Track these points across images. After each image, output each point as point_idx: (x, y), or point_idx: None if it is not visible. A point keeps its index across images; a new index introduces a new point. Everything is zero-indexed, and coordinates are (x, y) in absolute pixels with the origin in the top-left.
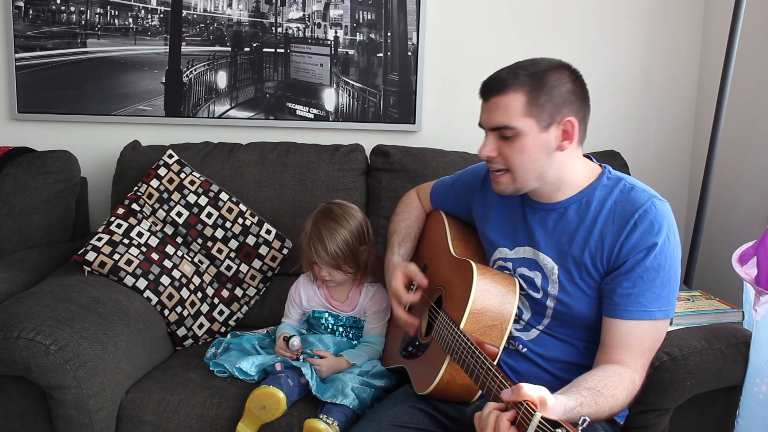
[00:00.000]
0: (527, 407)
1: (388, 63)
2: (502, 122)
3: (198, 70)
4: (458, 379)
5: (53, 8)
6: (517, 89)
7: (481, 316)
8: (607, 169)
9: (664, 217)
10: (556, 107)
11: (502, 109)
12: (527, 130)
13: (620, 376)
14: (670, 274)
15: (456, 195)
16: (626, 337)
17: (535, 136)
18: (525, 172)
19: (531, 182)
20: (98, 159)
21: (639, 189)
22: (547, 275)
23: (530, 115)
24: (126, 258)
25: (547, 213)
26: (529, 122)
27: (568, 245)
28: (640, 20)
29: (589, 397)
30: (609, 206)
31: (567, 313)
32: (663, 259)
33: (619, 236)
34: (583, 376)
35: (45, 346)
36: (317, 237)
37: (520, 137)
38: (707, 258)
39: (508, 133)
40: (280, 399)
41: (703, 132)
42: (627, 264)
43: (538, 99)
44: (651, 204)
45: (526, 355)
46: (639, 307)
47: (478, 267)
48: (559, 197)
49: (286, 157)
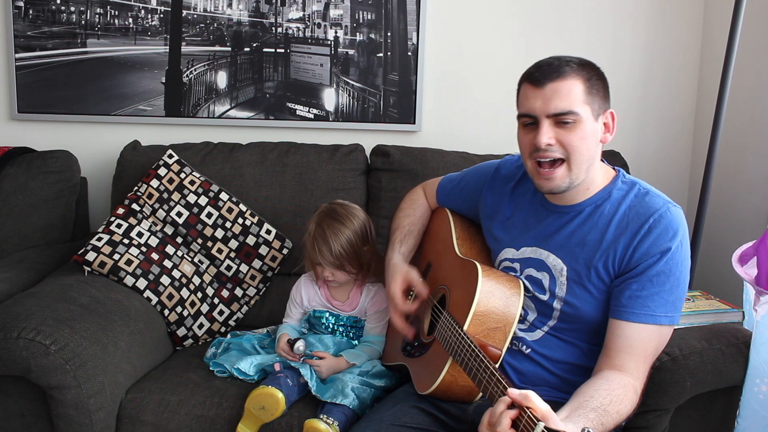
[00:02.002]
0: (531, 415)
1: (388, 63)
2: (564, 107)
3: (198, 70)
4: (460, 380)
5: (53, 8)
6: (576, 75)
7: (484, 318)
8: (621, 173)
9: (679, 223)
10: (603, 98)
11: (563, 94)
12: (586, 117)
13: (624, 388)
14: (679, 280)
15: (463, 192)
16: (630, 341)
17: (592, 124)
18: (581, 161)
19: (582, 173)
20: (98, 159)
21: (654, 194)
22: (556, 276)
23: (587, 102)
24: (126, 258)
25: (561, 215)
26: (587, 109)
27: (579, 247)
28: (640, 20)
29: (596, 420)
30: (623, 210)
31: (574, 314)
32: (674, 264)
33: (633, 240)
34: (588, 390)
35: (45, 346)
36: (321, 238)
37: (581, 123)
38: (707, 258)
39: (568, 119)
40: (279, 399)
41: (703, 132)
42: (639, 268)
43: (592, 88)
44: (666, 209)
45: (530, 356)
46: (646, 310)
47: (483, 268)
48: (577, 199)
49: (286, 157)
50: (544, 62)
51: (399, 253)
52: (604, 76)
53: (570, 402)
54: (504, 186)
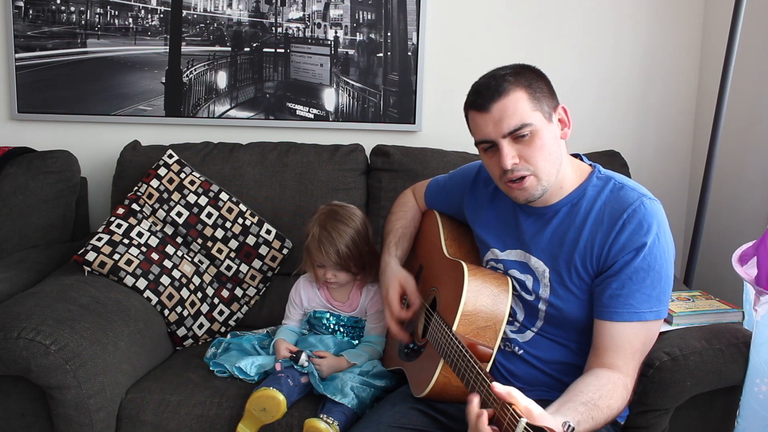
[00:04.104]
0: (513, 412)
1: (388, 63)
2: (516, 123)
3: (198, 70)
4: (453, 381)
5: (53, 8)
6: (516, 87)
7: (473, 318)
8: (597, 169)
9: (654, 216)
10: (549, 97)
11: (510, 111)
12: (540, 124)
13: (614, 383)
14: (660, 274)
15: (448, 195)
16: (616, 340)
17: (547, 129)
18: (548, 168)
19: (553, 177)
20: (98, 159)
21: (628, 188)
22: (539, 278)
23: (536, 109)
24: (126, 258)
25: (539, 217)
26: (538, 116)
27: (558, 248)
28: (640, 20)
29: (585, 414)
30: (599, 206)
31: (559, 316)
32: (653, 259)
33: (608, 237)
34: (578, 386)
35: (45, 346)
36: (326, 239)
37: (537, 132)
38: (707, 258)
39: (524, 132)
40: (281, 401)
41: (703, 132)
42: (616, 265)
43: (535, 93)
44: (640, 203)
45: (522, 357)
46: (628, 308)
47: (470, 267)
48: (551, 200)
49: (286, 157)
50: (481, 85)
51: (395, 256)
52: (543, 75)
53: (560, 398)
54: (486, 188)
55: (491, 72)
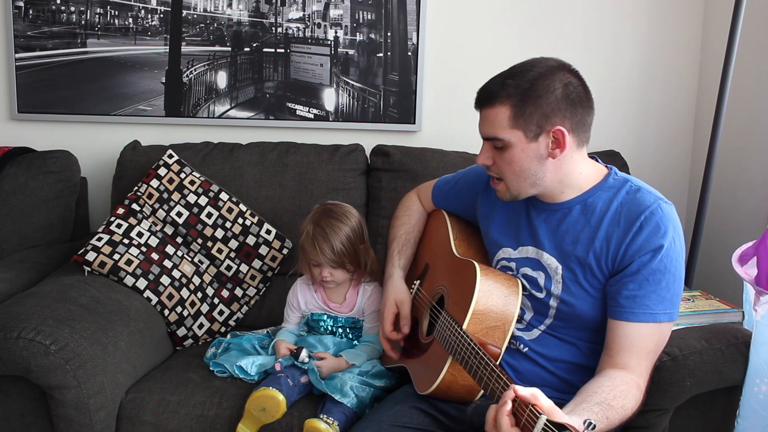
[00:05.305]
0: (532, 409)
1: (388, 63)
2: (491, 134)
3: (198, 70)
4: (460, 379)
5: (53, 8)
6: (503, 102)
7: (483, 317)
8: (613, 171)
9: (670, 219)
10: (544, 117)
11: (489, 120)
12: (515, 142)
13: (627, 384)
14: (675, 276)
15: (459, 194)
16: (631, 340)
17: (524, 147)
18: (516, 181)
19: (526, 189)
20: (98, 159)
21: (645, 191)
22: (551, 275)
23: (516, 126)
24: (126, 258)
25: (551, 213)
26: (516, 133)
27: (572, 245)
28: (640, 20)
29: (600, 414)
30: (615, 207)
31: (570, 312)
32: (669, 261)
33: (625, 238)
34: (591, 387)
35: (45, 346)
36: (322, 236)
37: (509, 148)
38: (707, 258)
39: (498, 144)
40: (280, 401)
41: (703, 132)
42: (632, 266)
43: (524, 110)
44: (657, 206)
45: (528, 355)
46: (644, 309)
47: (482, 268)
48: (563, 198)
49: (286, 157)
50: (486, 84)
51: (398, 267)
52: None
53: (574, 399)
54: None
55: (510, 70)
